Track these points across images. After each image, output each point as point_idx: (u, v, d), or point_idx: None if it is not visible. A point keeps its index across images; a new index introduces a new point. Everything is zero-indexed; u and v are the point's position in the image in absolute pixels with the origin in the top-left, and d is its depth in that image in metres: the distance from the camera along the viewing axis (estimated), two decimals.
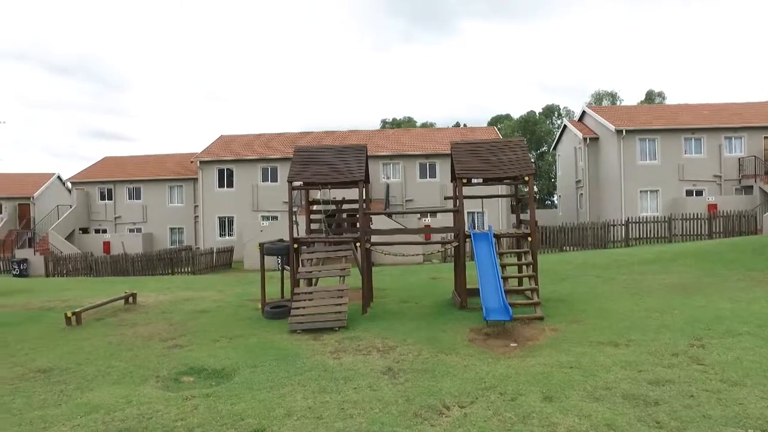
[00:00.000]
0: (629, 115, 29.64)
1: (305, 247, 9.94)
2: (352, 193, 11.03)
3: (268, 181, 30.43)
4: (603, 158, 29.32)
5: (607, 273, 12.68)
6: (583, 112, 32.84)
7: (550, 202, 55.88)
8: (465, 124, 62.03)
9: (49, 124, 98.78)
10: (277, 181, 30.12)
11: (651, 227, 23.40)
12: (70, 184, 35.63)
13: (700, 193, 26.71)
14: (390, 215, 23.94)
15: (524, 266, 9.64)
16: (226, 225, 30.84)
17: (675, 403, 4.59)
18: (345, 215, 11.54)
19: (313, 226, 11.20)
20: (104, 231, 32.98)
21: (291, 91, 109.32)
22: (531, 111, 60.77)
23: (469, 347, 6.99)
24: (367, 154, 10.55)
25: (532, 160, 11.58)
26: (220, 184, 30.79)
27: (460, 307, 9.34)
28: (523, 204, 11.33)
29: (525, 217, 10.93)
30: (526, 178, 9.62)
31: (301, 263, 9.68)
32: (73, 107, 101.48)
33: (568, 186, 34.52)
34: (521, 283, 9.96)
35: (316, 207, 11.22)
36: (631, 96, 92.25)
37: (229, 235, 30.46)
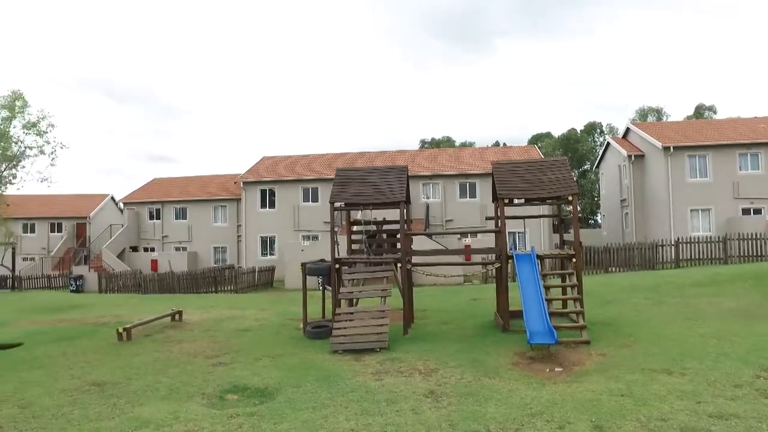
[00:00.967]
0: (677, 130, 28.64)
1: (346, 267, 10.03)
2: (392, 214, 11.09)
3: (309, 202, 30.96)
4: (649, 176, 28.36)
5: (657, 295, 12.15)
6: (627, 129, 31.99)
7: (593, 222, 54.28)
8: (504, 143, 61.45)
9: (102, 146, 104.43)
10: (318, 201, 30.58)
11: (704, 248, 22.28)
12: (122, 205, 37.36)
13: (758, 212, 25.36)
14: (430, 236, 23.85)
15: (569, 288, 9.39)
16: (267, 244, 31.46)
17: None
18: (385, 236, 11.59)
19: (354, 246, 11.30)
20: (152, 249, 34.27)
21: (333, 112, 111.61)
22: (572, 128, 59.60)
23: (513, 371, 6.83)
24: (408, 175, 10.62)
25: (575, 178, 11.35)
26: (263, 205, 31.52)
27: (503, 330, 9.17)
28: (566, 224, 11.09)
29: (568, 237, 10.68)
30: (570, 197, 9.44)
31: (343, 283, 9.76)
32: (124, 131, 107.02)
33: (612, 205, 33.50)
34: (565, 306, 9.67)
35: (356, 228, 11.31)
36: (679, 111, 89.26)
37: (270, 255, 31.03)
